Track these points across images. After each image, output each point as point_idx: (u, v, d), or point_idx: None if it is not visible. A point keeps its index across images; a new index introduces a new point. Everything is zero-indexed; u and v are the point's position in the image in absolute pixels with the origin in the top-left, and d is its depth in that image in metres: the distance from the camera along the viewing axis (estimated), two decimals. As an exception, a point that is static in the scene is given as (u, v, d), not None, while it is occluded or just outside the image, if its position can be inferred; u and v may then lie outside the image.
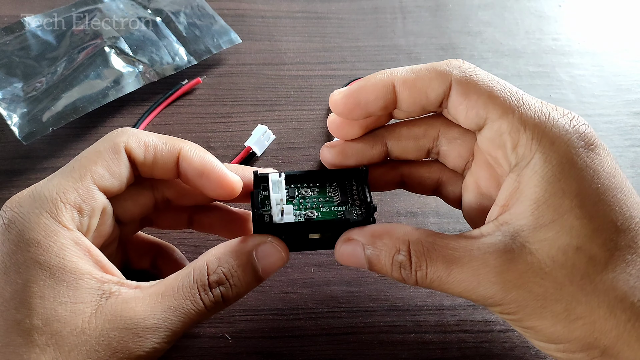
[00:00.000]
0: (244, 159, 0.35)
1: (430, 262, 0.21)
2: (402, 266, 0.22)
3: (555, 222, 0.20)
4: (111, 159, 0.22)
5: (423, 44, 0.45)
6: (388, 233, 0.23)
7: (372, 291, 0.30)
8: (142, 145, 0.23)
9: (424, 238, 0.22)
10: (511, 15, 0.48)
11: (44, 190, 0.21)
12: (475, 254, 0.20)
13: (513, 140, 0.21)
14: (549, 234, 0.20)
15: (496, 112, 0.21)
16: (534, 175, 0.20)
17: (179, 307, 0.20)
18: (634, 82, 0.43)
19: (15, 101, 0.36)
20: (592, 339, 0.20)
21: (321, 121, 0.39)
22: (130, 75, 0.38)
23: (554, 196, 0.20)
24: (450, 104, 0.23)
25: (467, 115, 0.22)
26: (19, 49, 0.39)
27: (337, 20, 0.46)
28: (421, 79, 0.23)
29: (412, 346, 0.28)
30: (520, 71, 0.43)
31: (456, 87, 0.22)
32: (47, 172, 0.35)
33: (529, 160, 0.21)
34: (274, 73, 0.42)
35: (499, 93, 0.22)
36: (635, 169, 0.37)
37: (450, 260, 0.21)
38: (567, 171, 0.20)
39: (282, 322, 0.29)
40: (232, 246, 0.22)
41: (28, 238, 0.20)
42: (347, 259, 0.24)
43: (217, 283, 0.21)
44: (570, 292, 0.20)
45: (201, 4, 0.44)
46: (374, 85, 0.24)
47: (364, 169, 0.25)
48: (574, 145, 0.20)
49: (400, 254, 0.22)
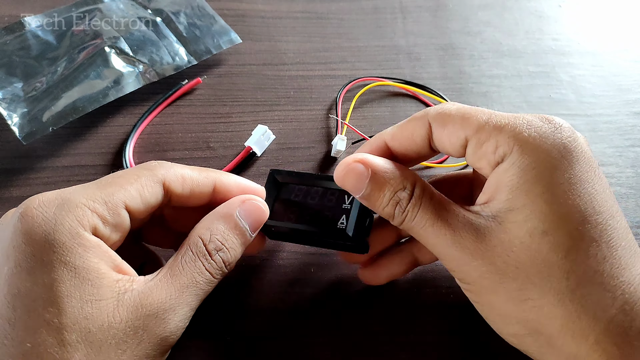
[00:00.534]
0: (244, 159, 0.35)
1: (423, 208, 0.23)
2: (399, 203, 0.24)
3: (526, 206, 0.21)
4: (146, 186, 0.23)
5: (423, 44, 0.45)
6: (400, 167, 0.24)
7: (372, 291, 0.30)
8: (179, 178, 0.24)
9: (427, 186, 0.24)
10: (511, 15, 0.48)
11: (75, 195, 0.21)
12: (459, 219, 0.23)
13: (492, 145, 0.23)
14: (519, 216, 0.21)
15: (472, 129, 0.23)
16: (512, 166, 0.22)
17: (189, 283, 0.22)
18: (634, 82, 0.43)
19: (16, 101, 0.36)
20: (538, 324, 0.21)
21: (321, 121, 0.39)
22: (131, 75, 0.38)
23: (528, 182, 0.21)
24: (435, 139, 0.25)
25: (451, 142, 0.24)
26: (19, 48, 0.39)
27: (337, 20, 0.47)
28: (404, 129, 0.26)
29: (413, 346, 0.28)
30: (520, 71, 0.43)
31: (434, 124, 0.24)
32: (47, 171, 0.35)
33: (509, 155, 0.22)
34: (274, 73, 0.42)
35: (471, 114, 0.23)
36: (635, 169, 0.37)
37: (438, 215, 0.23)
38: (541, 160, 0.21)
39: (282, 322, 0.29)
40: (217, 214, 0.24)
41: (54, 239, 0.20)
42: (349, 176, 0.24)
43: (216, 250, 0.23)
44: (528, 273, 0.21)
45: (201, 4, 0.44)
46: (369, 149, 0.27)
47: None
48: (549, 140, 0.22)
49: (405, 190, 0.24)
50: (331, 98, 0.40)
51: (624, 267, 0.20)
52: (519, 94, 0.41)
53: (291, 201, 0.28)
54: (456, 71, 0.43)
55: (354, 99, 0.39)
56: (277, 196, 0.28)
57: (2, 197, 0.34)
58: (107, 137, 0.37)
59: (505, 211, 0.22)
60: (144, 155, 0.36)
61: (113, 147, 0.36)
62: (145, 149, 0.36)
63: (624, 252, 0.21)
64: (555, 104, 0.41)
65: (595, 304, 0.20)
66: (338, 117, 0.38)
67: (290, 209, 0.28)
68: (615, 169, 0.37)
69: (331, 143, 0.37)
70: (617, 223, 0.21)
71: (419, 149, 0.26)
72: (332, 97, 0.40)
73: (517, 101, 0.41)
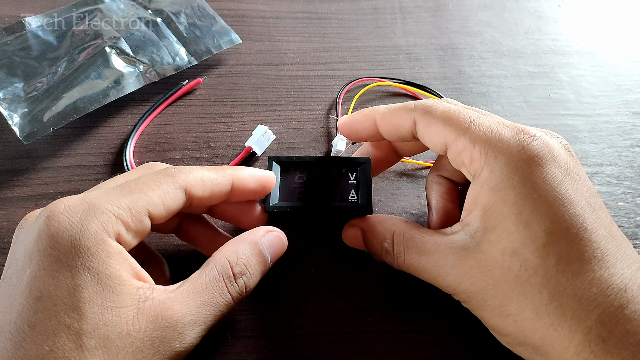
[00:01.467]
0: (245, 159, 0.35)
1: (407, 251, 0.26)
2: (387, 252, 0.27)
3: (497, 227, 0.22)
4: (169, 193, 0.23)
5: (423, 44, 0.45)
6: (380, 223, 0.28)
7: (373, 290, 0.30)
8: (199, 182, 0.25)
9: (406, 231, 0.26)
10: (511, 15, 0.48)
11: (100, 201, 0.22)
12: (440, 248, 0.24)
13: (467, 157, 0.24)
14: (493, 237, 0.22)
15: (452, 136, 0.24)
16: (484, 184, 0.23)
17: (210, 302, 0.23)
18: (634, 82, 0.43)
19: (16, 101, 0.36)
20: (522, 337, 0.22)
21: (321, 121, 0.39)
22: (131, 75, 0.38)
23: (496, 203, 0.23)
24: (419, 135, 0.26)
25: (432, 143, 0.26)
26: (20, 49, 0.40)
27: (337, 20, 0.47)
28: (393, 115, 0.27)
29: (413, 345, 0.28)
30: (520, 71, 0.43)
31: (419, 121, 0.26)
32: (48, 172, 0.35)
33: (480, 172, 0.24)
34: (274, 73, 0.42)
35: (453, 119, 0.24)
36: (635, 169, 0.37)
37: (422, 251, 0.25)
38: (506, 181, 0.22)
39: (282, 322, 0.29)
40: (244, 239, 0.26)
41: (80, 244, 0.20)
42: (351, 240, 0.29)
43: (240, 274, 0.24)
44: (504, 290, 0.22)
45: (201, 4, 0.44)
46: (361, 117, 0.29)
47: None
48: (514, 158, 0.23)
49: (386, 242, 0.27)
50: (331, 98, 0.40)
51: (599, 279, 0.21)
52: (519, 94, 0.42)
53: (296, 184, 0.30)
54: (456, 71, 0.43)
55: (354, 99, 0.39)
56: (280, 180, 0.30)
57: (3, 198, 0.34)
58: (107, 137, 0.37)
59: (482, 231, 0.23)
60: (144, 155, 0.36)
61: (114, 147, 0.37)
62: (146, 149, 0.37)
63: (599, 264, 0.21)
64: (555, 104, 0.41)
65: (571, 316, 0.20)
66: (338, 117, 0.38)
67: (297, 190, 0.30)
68: (615, 169, 0.37)
69: (331, 143, 0.37)
70: (591, 234, 0.21)
71: (402, 137, 0.28)
72: (332, 97, 0.40)
73: (516, 101, 0.41)
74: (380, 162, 0.32)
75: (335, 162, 0.31)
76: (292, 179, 0.30)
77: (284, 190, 0.30)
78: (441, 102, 0.26)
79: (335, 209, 0.29)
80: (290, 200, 0.30)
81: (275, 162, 0.31)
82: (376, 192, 0.34)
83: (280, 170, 0.31)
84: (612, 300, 0.20)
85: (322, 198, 0.30)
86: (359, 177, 0.30)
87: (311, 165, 0.31)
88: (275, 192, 0.30)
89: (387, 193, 0.35)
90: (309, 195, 0.30)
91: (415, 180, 0.35)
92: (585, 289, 0.20)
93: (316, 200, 0.30)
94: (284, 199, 0.30)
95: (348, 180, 0.30)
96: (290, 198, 0.30)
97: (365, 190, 0.30)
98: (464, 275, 0.23)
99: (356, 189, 0.30)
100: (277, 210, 0.29)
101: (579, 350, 0.20)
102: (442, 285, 0.25)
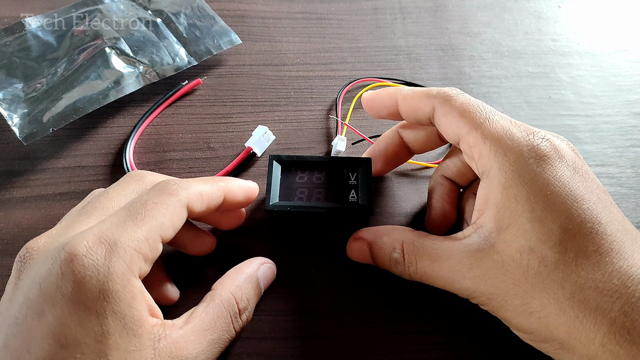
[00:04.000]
0: (244, 160, 0.35)
1: (418, 259, 0.26)
2: (397, 262, 0.27)
3: (511, 226, 0.23)
4: (176, 213, 0.23)
5: (423, 44, 0.45)
6: (387, 234, 0.28)
7: (373, 291, 0.30)
8: (199, 197, 0.25)
9: (415, 239, 0.26)
10: (510, 16, 0.48)
11: (120, 237, 0.21)
12: (454, 254, 0.24)
13: (477, 152, 0.24)
14: (508, 236, 0.23)
15: (465, 129, 0.25)
16: (493, 182, 0.23)
17: (218, 339, 0.23)
18: (634, 82, 0.43)
19: (16, 102, 0.36)
20: (548, 332, 0.22)
21: (321, 121, 0.39)
22: (131, 75, 0.38)
23: (509, 201, 0.23)
24: (435, 121, 0.27)
25: (447, 132, 0.26)
26: (20, 49, 0.39)
27: (337, 21, 0.47)
28: (414, 98, 0.27)
29: (414, 346, 0.28)
30: (520, 72, 0.43)
31: (437, 109, 0.26)
32: (48, 172, 0.35)
33: (490, 170, 0.24)
34: (274, 74, 0.42)
35: (469, 113, 0.25)
36: (635, 169, 0.37)
37: (434, 258, 0.25)
38: (517, 179, 0.23)
39: (282, 323, 0.29)
40: (243, 271, 0.27)
41: (108, 289, 0.20)
42: (356, 254, 0.29)
43: (244, 309, 0.25)
44: (525, 288, 0.22)
45: (201, 5, 0.44)
46: (384, 95, 0.29)
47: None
48: (524, 156, 0.23)
49: (396, 252, 0.27)
50: (331, 98, 0.40)
51: (618, 270, 0.21)
52: (519, 94, 0.42)
53: (296, 183, 0.30)
54: (456, 72, 0.43)
55: (354, 100, 0.39)
56: (280, 180, 0.30)
57: (2, 199, 0.34)
58: (107, 137, 0.37)
59: (496, 232, 0.23)
60: (144, 156, 0.36)
61: (113, 147, 0.36)
62: (146, 150, 0.36)
63: (617, 256, 0.21)
64: (555, 105, 0.41)
65: (594, 308, 0.20)
66: (338, 118, 0.38)
67: (297, 190, 0.30)
68: (616, 169, 0.37)
69: (331, 143, 0.37)
70: (606, 227, 0.22)
71: (420, 120, 0.28)
72: (332, 97, 0.40)
73: (517, 102, 0.41)
74: (392, 158, 0.32)
75: (336, 162, 0.31)
76: (293, 179, 0.30)
77: (284, 190, 0.30)
78: (462, 94, 0.26)
79: (335, 208, 0.29)
80: (290, 199, 0.30)
81: (276, 162, 0.31)
82: (376, 193, 0.34)
83: (280, 169, 0.31)
84: (633, 291, 0.20)
85: (322, 198, 0.30)
86: (359, 178, 0.30)
87: (312, 165, 0.31)
88: (276, 191, 0.30)
89: (388, 193, 0.35)
90: (309, 195, 0.30)
91: (415, 181, 0.35)
92: (606, 280, 0.21)
93: (316, 200, 0.30)
94: (284, 198, 0.30)
95: (348, 181, 0.30)
96: (290, 197, 0.30)
97: (366, 191, 0.30)
98: (482, 277, 0.23)
99: (356, 189, 0.30)
100: (276, 209, 0.29)
101: (605, 341, 0.20)
102: (459, 290, 0.24)
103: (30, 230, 0.32)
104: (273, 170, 0.30)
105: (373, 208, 0.29)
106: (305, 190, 0.30)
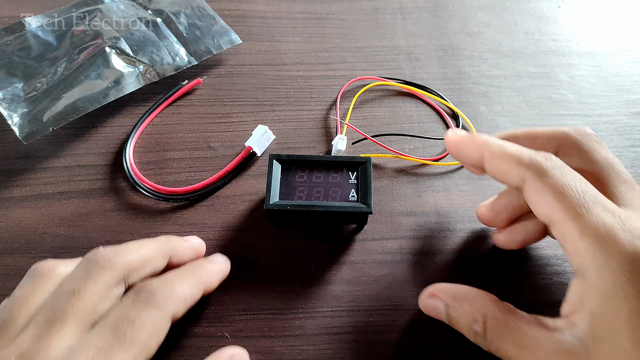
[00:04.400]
0: (244, 159, 0.35)
1: (502, 341, 0.23)
2: (477, 334, 0.25)
3: (607, 340, 0.20)
4: (162, 329, 0.23)
5: (423, 44, 0.45)
6: (468, 300, 0.25)
7: (373, 290, 0.30)
8: (182, 305, 0.25)
9: (500, 315, 0.24)
10: (510, 16, 0.48)
11: None
12: (544, 347, 0.22)
13: (572, 246, 0.22)
14: (604, 349, 0.20)
15: (559, 215, 0.22)
16: (590, 288, 0.21)
17: None
18: (634, 83, 0.43)
19: (16, 101, 0.36)
20: None
21: (321, 121, 0.39)
22: (131, 75, 0.38)
23: (607, 315, 0.21)
24: (525, 195, 0.24)
25: (537, 211, 0.23)
26: (20, 49, 0.40)
27: (337, 20, 0.47)
28: (502, 162, 0.24)
29: (413, 346, 0.28)
30: (520, 72, 0.43)
31: (528, 181, 0.23)
32: (47, 172, 0.35)
33: (586, 272, 0.21)
34: (274, 73, 0.42)
35: (566, 197, 0.22)
36: (636, 169, 0.37)
37: (521, 345, 0.23)
38: (619, 292, 0.20)
39: (281, 322, 0.29)
40: None
41: None
42: (430, 311, 0.27)
43: None
44: None
45: (201, 5, 0.44)
46: (471, 145, 0.26)
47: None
48: (628, 268, 0.20)
49: (477, 324, 0.24)
50: (331, 98, 0.40)
51: None
52: (519, 94, 0.42)
53: (296, 182, 0.30)
54: (456, 72, 0.43)
55: (354, 99, 0.39)
56: (280, 179, 0.30)
57: (3, 198, 0.34)
58: (107, 137, 0.37)
59: (591, 338, 0.21)
60: (144, 155, 0.36)
61: (113, 147, 0.36)
62: (146, 149, 0.36)
63: None
64: (555, 105, 0.41)
65: None
66: (337, 117, 0.38)
67: (297, 189, 0.30)
68: (615, 169, 0.37)
69: (331, 143, 0.37)
70: None
71: (507, 184, 0.25)
72: (332, 97, 0.40)
73: (516, 101, 0.41)
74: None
75: (336, 161, 0.31)
76: (293, 178, 0.31)
77: (284, 189, 0.30)
78: (558, 168, 0.23)
79: (335, 208, 0.29)
80: (290, 198, 0.30)
81: (276, 161, 0.31)
82: (376, 192, 0.34)
83: (280, 168, 0.31)
84: None
85: (322, 197, 0.30)
86: (359, 177, 0.31)
87: (311, 164, 0.31)
88: (275, 190, 0.30)
89: (388, 193, 0.35)
90: (308, 194, 0.30)
91: (415, 180, 0.35)
92: None
93: (316, 199, 0.30)
94: (283, 197, 0.30)
95: (348, 180, 0.30)
96: (290, 196, 0.30)
97: (366, 190, 0.30)
98: None
99: (356, 188, 0.30)
100: (276, 208, 0.29)
101: None
102: None
103: (30, 230, 0.32)
104: (273, 169, 0.30)
105: (372, 207, 0.29)
106: (305, 189, 0.30)
